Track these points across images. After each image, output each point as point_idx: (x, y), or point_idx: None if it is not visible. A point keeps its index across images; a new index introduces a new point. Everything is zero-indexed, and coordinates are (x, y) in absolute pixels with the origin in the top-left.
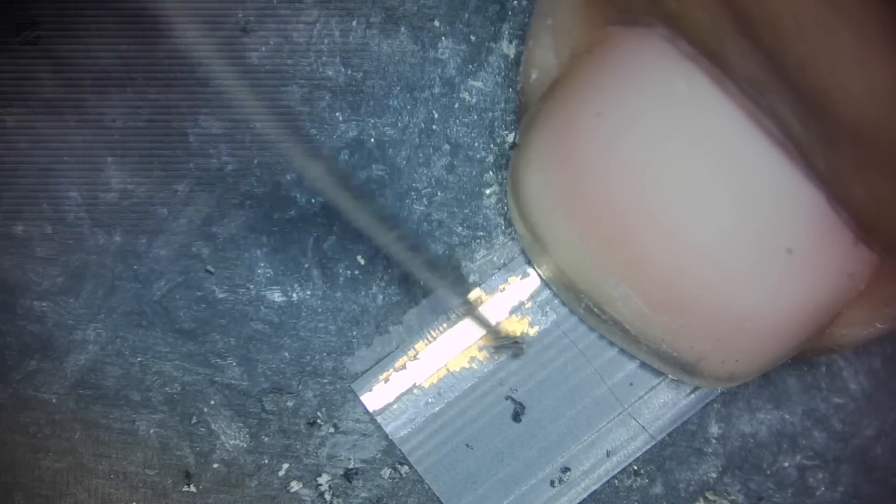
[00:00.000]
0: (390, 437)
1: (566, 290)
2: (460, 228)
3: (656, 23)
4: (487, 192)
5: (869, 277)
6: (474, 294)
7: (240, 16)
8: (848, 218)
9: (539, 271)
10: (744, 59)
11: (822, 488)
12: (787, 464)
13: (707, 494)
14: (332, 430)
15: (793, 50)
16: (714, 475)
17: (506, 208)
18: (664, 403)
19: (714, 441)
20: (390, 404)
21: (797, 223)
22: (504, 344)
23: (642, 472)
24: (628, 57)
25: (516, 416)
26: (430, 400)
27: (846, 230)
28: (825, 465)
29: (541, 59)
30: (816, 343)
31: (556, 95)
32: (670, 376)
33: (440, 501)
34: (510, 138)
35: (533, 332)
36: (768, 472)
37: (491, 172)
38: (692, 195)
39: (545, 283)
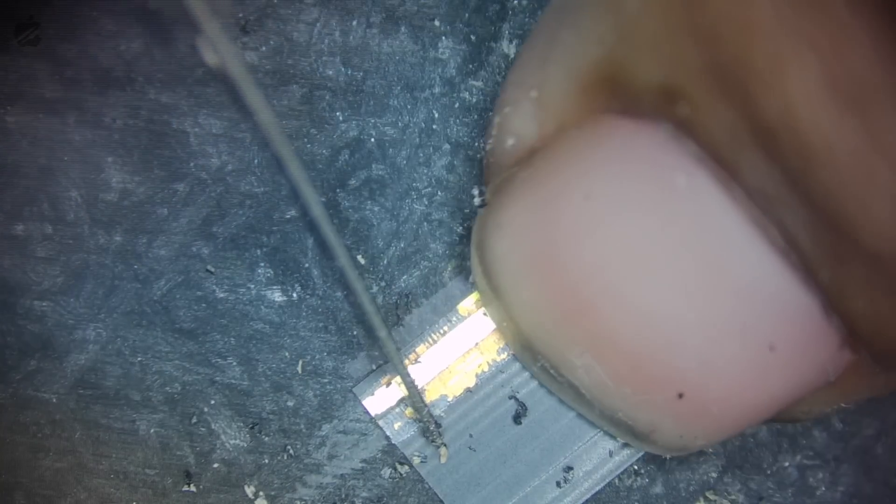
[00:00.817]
0: (392, 441)
1: (522, 350)
2: (460, 228)
3: (663, 121)
4: None
5: (843, 371)
6: (473, 297)
7: (240, 16)
8: (840, 325)
9: (497, 327)
10: (757, 172)
11: (823, 488)
12: (787, 463)
13: (707, 494)
14: (332, 430)
15: (821, 175)
16: (714, 475)
17: None
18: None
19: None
20: (392, 408)
21: (785, 323)
22: (423, 419)
23: (643, 471)
24: (626, 145)
25: (517, 418)
26: (431, 402)
27: (835, 335)
28: (825, 465)
29: (519, 127)
30: (775, 417)
31: (536, 164)
32: (618, 438)
33: (441, 501)
34: (475, 192)
35: None
36: (769, 471)
37: None
38: (678, 285)
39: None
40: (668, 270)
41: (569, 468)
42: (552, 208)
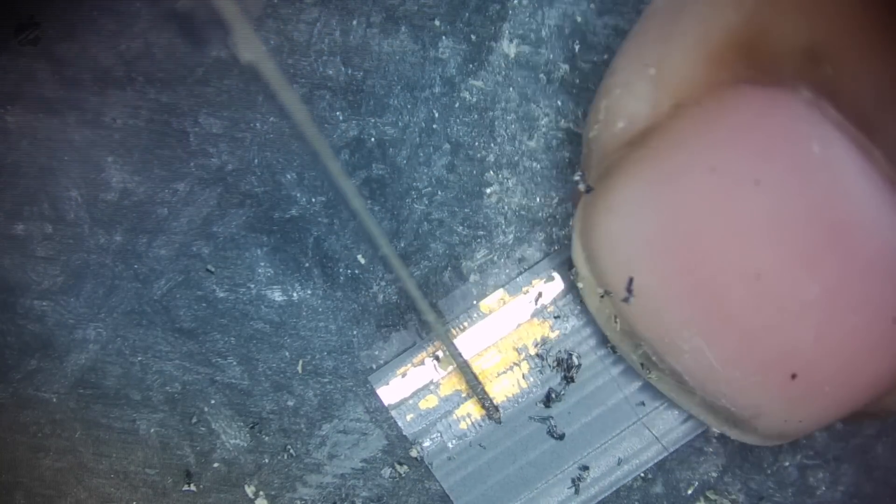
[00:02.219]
0: (403, 432)
1: (624, 337)
2: (461, 228)
3: (803, 86)
4: (488, 191)
5: None
6: (497, 295)
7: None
8: None
9: (595, 316)
10: None
11: (823, 487)
12: (787, 463)
13: (708, 493)
14: (332, 429)
15: None
16: (715, 474)
17: (506, 207)
18: (679, 415)
19: (714, 440)
20: (406, 399)
21: None
22: (485, 404)
23: (643, 471)
24: (757, 115)
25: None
26: (445, 397)
27: None
28: (826, 465)
29: (632, 108)
30: (868, 407)
31: (652, 144)
32: (713, 427)
33: (441, 501)
34: (578, 177)
35: (553, 335)
36: (769, 471)
37: (491, 172)
38: (803, 256)
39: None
40: (794, 243)
41: (585, 466)
42: (674, 185)
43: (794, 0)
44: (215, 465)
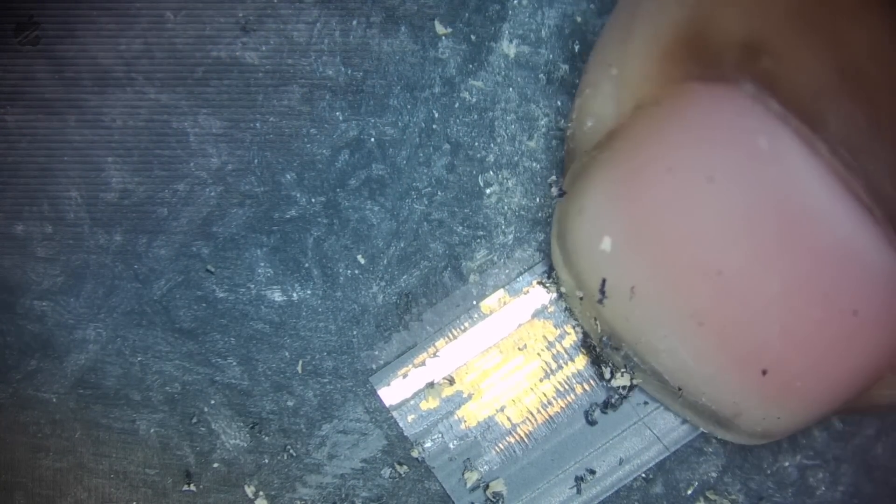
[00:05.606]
0: (405, 433)
1: (605, 338)
2: (460, 228)
3: (745, 81)
4: (488, 191)
5: None
6: (497, 295)
7: (240, 15)
8: None
9: (578, 318)
10: (842, 120)
11: (823, 488)
12: (787, 463)
13: (708, 494)
14: (332, 429)
15: None
16: (714, 474)
17: (506, 207)
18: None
19: (714, 440)
20: (407, 399)
21: (869, 286)
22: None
23: (643, 471)
24: (706, 112)
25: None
26: (447, 398)
27: None
28: (825, 465)
29: (599, 108)
30: (854, 403)
31: (616, 146)
32: (701, 428)
33: (441, 501)
34: (552, 181)
35: (554, 334)
36: (769, 471)
37: (491, 172)
38: (761, 251)
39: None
40: (751, 237)
41: (590, 469)
42: (634, 185)
43: None
44: (215, 465)
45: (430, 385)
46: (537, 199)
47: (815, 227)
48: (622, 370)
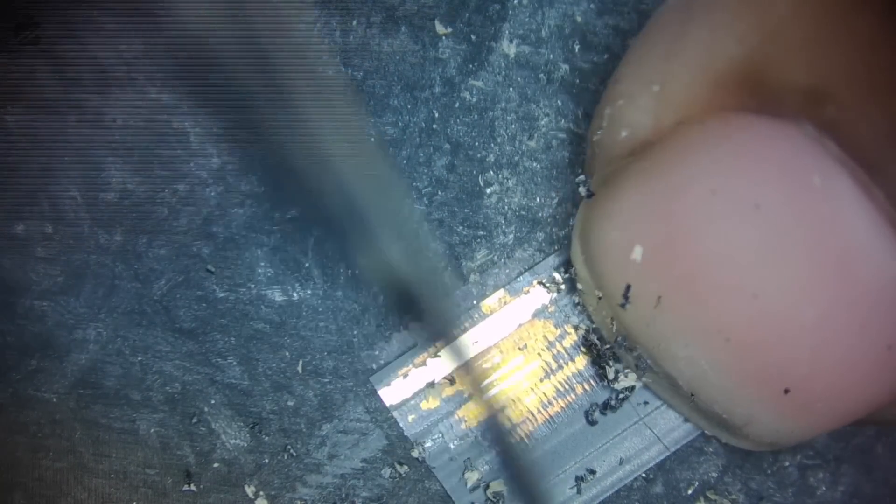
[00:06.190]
0: (405, 433)
1: (619, 339)
2: (460, 228)
3: (806, 123)
4: (488, 191)
5: None
6: (497, 295)
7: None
8: None
9: (592, 317)
10: None
11: (823, 488)
12: (787, 463)
13: (708, 493)
14: (332, 429)
15: None
16: (715, 474)
17: (506, 207)
18: (680, 414)
19: (715, 440)
20: (407, 399)
21: None
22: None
23: (643, 471)
24: (760, 143)
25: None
26: (446, 398)
27: None
28: (826, 465)
29: (635, 119)
30: (870, 417)
31: (654, 157)
32: (705, 431)
33: (441, 501)
34: (580, 180)
35: (555, 334)
36: (769, 471)
37: (491, 172)
38: (802, 282)
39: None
40: (793, 267)
41: (591, 469)
42: (674, 201)
43: (798, 40)
44: (215, 465)
45: (431, 385)
46: (537, 199)
47: (862, 263)
48: (628, 371)
